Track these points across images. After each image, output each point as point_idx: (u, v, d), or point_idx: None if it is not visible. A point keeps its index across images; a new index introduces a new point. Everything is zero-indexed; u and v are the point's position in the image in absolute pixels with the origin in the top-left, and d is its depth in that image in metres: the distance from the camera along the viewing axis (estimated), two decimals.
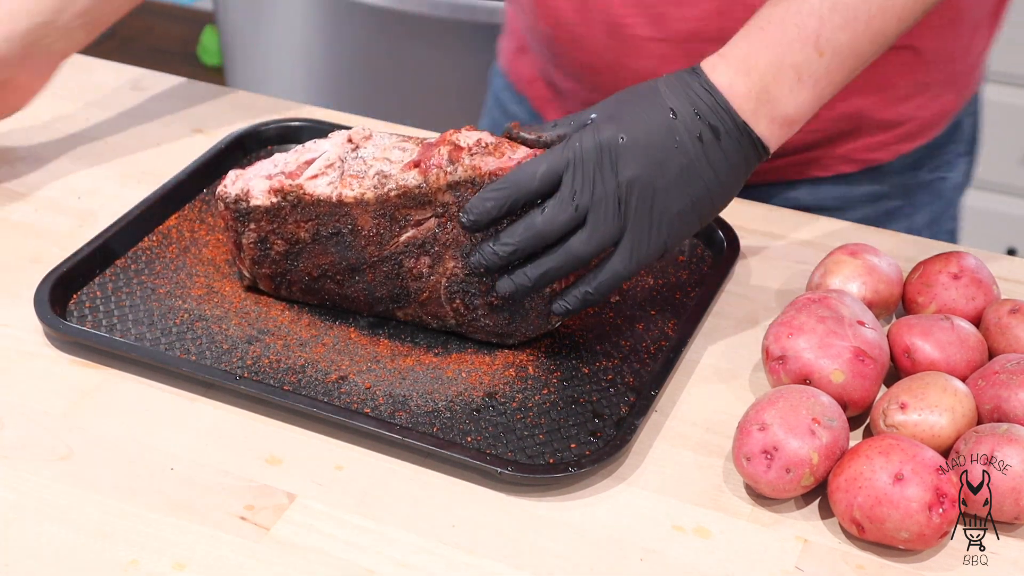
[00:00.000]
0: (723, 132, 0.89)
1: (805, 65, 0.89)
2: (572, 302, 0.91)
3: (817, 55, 0.89)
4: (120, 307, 1.00)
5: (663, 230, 0.89)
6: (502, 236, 0.89)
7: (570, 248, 0.88)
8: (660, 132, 0.88)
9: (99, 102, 1.30)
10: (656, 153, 0.88)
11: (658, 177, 0.88)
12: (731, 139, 0.89)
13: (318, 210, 0.94)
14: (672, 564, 0.81)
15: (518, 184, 0.88)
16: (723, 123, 0.89)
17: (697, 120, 0.88)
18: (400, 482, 0.86)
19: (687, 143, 0.88)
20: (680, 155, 0.88)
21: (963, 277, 0.96)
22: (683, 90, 0.89)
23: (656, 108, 0.88)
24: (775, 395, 0.85)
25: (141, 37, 3.50)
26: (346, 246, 0.95)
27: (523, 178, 0.88)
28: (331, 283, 0.98)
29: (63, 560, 0.81)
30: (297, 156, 0.97)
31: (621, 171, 0.87)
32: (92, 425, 0.91)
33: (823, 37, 0.88)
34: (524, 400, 0.92)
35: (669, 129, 0.88)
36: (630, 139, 0.87)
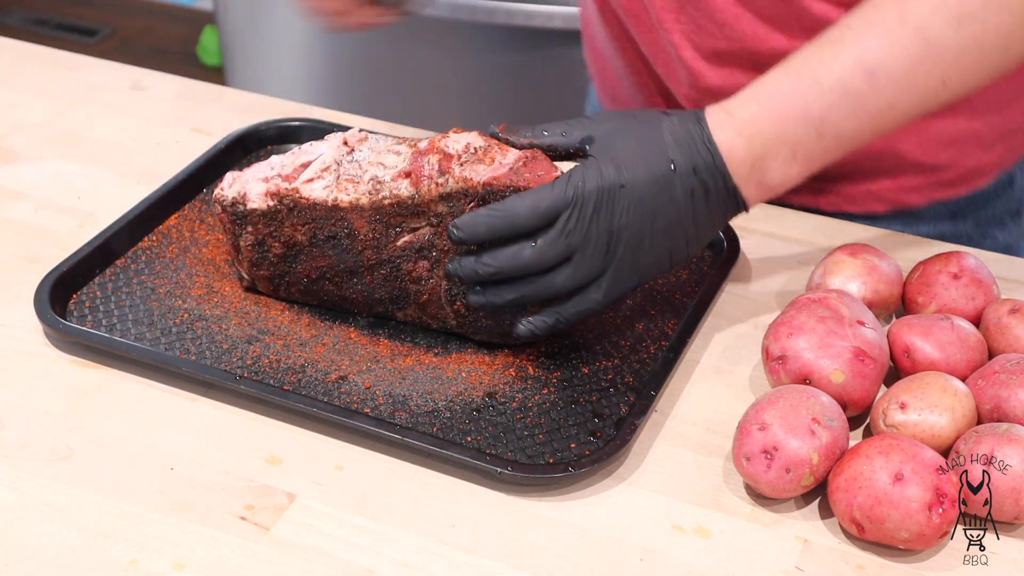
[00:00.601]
0: (713, 191, 0.90)
1: (803, 144, 0.90)
2: (539, 327, 0.92)
3: (817, 137, 0.90)
4: (120, 307, 1.00)
5: (640, 271, 0.91)
6: (485, 256, 0.90)
7: (551, 281, 0.89)
8: (659, 185, 0.89)
9: (99, 102, 1.30)
10: (651, 204, 0.89)
11: (648, 226, 0.89)
12: (719, 198, 0.91)
13: (314, 214, 0.94)
14: (672, 564, 0.81)
15: (515, 218, 0.88)
16: (715, 183, 0.90)
17: (693, 176, 0.89)
18: (400, 482, 0.86)
19: (680, 198, 0.89)
20: (672, 208, 0.89)
21: (963, 277, 0.96)
22: (687, 142, 0.90)
23: (658, 158, 0.89)
24: (775, 395, 0.85)
25: (141, 37, 3.50)
26: (343, 249, 0.95)
27: (522, 212, 0.88)
28: (329, 285, 0.98)
29: (63, 560, 0.81)
30: (294, 159, 0.97)
31: (618, 216, 0.88)
32: (92, 425, 0.91)
33: (827, 122, 0.89)
34: (524, 400, 0.92)
35: (667, 183, 0.89)
36: (629, 187, 0.88)
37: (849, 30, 0.90)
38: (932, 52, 0.88)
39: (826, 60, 0.89)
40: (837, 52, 0.89)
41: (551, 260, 0.89)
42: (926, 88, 0.90)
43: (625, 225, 0.88)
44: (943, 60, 0.89)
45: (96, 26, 3.54)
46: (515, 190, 0.90)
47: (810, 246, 1.09)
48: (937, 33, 0.88)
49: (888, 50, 0.88)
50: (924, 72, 0.89)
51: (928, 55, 0.88)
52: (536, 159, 0.92)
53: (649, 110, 0.94)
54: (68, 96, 1.31)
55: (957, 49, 0.88)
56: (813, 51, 0.90)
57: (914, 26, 0.88)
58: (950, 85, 0.90)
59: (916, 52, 0.88)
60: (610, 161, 0.89)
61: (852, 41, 0.89)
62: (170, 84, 1.34)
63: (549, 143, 0.93)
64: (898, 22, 0.88)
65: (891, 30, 0.89)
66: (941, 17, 0.88)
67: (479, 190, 0.90)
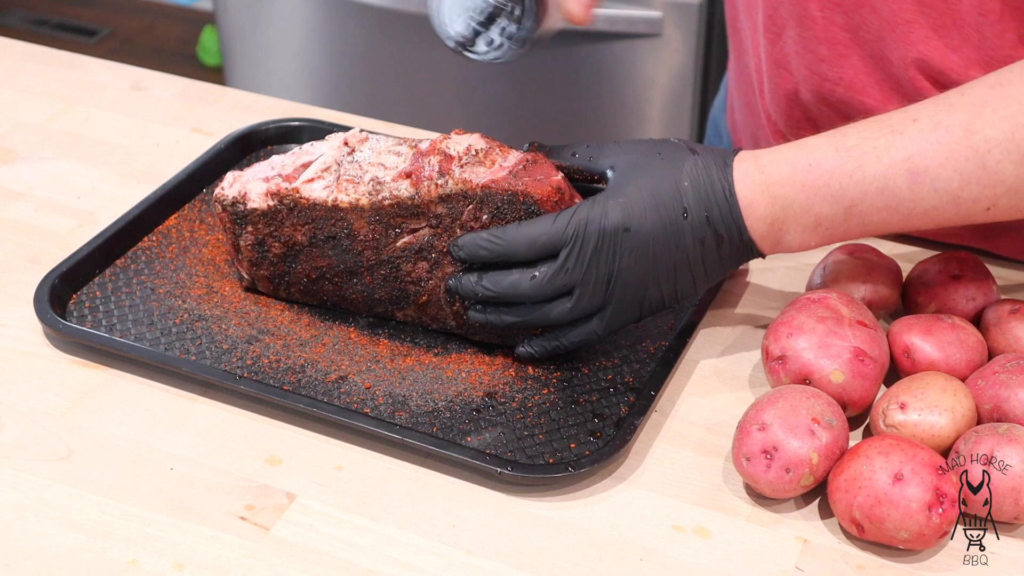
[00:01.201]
0: (727, 241, 0.89)
1: (828, 219, 0.88)
2: (538, 351, 0.93)
3: (843, 219, 0.88)
4: (120, 307, 1.01)
5: (643, 308, 0.91)
6: (485, 279, 0.90)
7: (549, 313, 0.90)
8: (667, 232, 0.88)
9: (99, 102, 1.30)
10: (656, 249, 0.88)
11: (651, 269, 0.89)
12: (732, 247, 0.89)
13: (314, 214, 0.94)
14: (672, 564, 0.81)
15: (514, 249, 0.89)
16: (730, 234, 0.89)
17: (706, 225, 0.88)
18: (400, 482, 0.86)
19: (688, 245, 0.88)
20: (679, 254, 0.88)
21: (963, 277, 0.96)
22: (705, 190, 0.88)
23: (670, 204, 0.88)
24: (775, 395, 0.85)
25: (141, 37, 3.50)
26: (343, 250, 0.95)
27: (520, 246, 0.88)
28: (329, 285, 0.98)
29: (63, 560, 0.81)
30: (294, 159, 0.97)
31: (619, 260, 0.88)
32: (92, 425, 0.91)
33: (858, 209, 0.87)
34: (524, 400, 0.92)
35: (676, 231, 0.88)
36: (634, 232, 0.87)
37: (914, 123, 0.86)
38: (986, 177, 0.85)
39: (879, 149, 0.86)
40: (891, 144, 0.86)
41: (549, 294, 0.89)
42: (969, 209, 0.86)
43: (627, 268, 0.88)
44: (994, 190, 0.85)
45: (96, 26, 3.54)
46: (513, 194, 0.90)
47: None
48: (997, 161, 0.84)
49: (943, 161, 0.85)
50: (971, 194, 0.85)
51: (981, 180, 0.85)
52: (537, 162, 0.91)
53: (679, 144, 0.91)
54: (68, 96, 1.31)
55: (1012, 184, 0.85)
56: (870, 132, 0.87)
57: (977, 146, 0.84)
58: (993, 212, 0.86)
59: (970, 173, 0.85)
60: (619, 201, 0.88)
61: (911, 137, 0.86)
62: (170, 84, 1.34)
63: (573, 166, 0.93)
64: (964, 135, 0.84)
65: (954, 141, 0.84)
66: (1006, 148, 0.84)
67: (478, 192, 0.90)
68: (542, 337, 0.93)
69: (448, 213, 0.91)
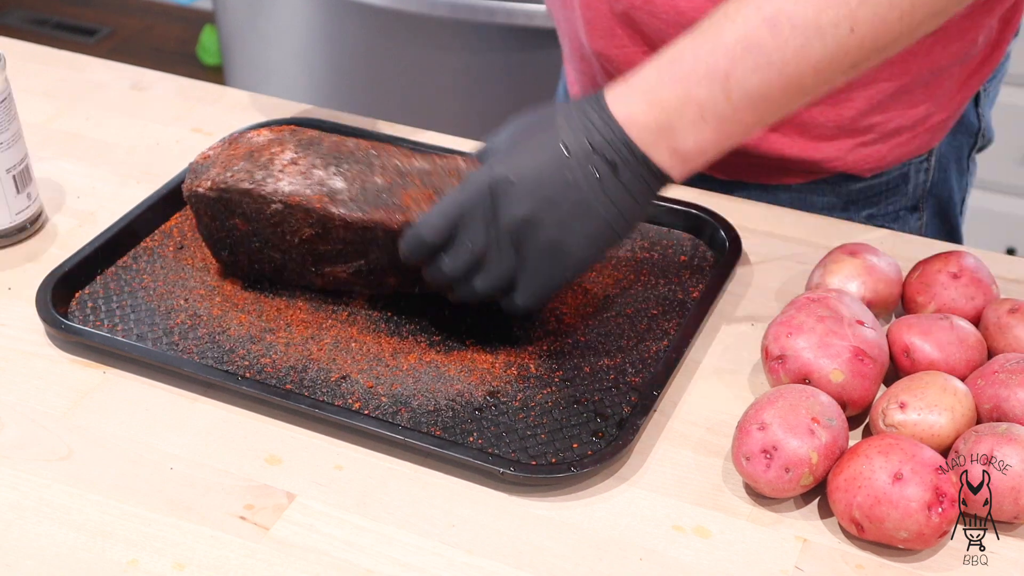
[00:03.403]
0: (620, 165, 0.87)
1: (710, 104, 0.86)
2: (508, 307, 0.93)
3: (724, 96, 0.86)
4: (121, 307, 1.01)
5: (560, 264, 0.89)
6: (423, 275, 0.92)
7: (472, 288, 0.91)
8: (550, 170, 0.87)
9: (99, 102, 1.30)
10: (546, 191, 0.87)
11: (549, 215, 0.87)
12: (630, 171, 0.87)
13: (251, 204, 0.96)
14: (672, 564, 0.81)
15: (421, 241, 0.89)
16: (620, 156, 0.87)
17: (591, 155, 0.87)
18: (400, 482, 0.86)
19: (580, 180, 0.87)
20: (573, 192, 0.87)
21: (963, 277, 0.96)
22: (580, 122, 0.87)
23: (548, 145, 0.87)
24: (775, 395, 0.85)
25: (141, 37, 3.50)
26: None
27: (426, 234, 0.89)
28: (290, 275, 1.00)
29: (63, 560, 0.81)
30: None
31: (511, 212, 0.87)
32: (92, 425, 0.91)
33: (733, 78, 0.85)
34: (526, 399, 0.92)
35: (560, 167, 0.87)
36: (519, 179, 0.87)
37: None
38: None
39: (729, 15, 0.85)
40: (740, 6, 0.85)
41: (465, 267, 0.89)
42: (835, 37, 0.84)
43: (523, 218, 0.87)
44: (848, 5, 0.83)
45: (96, 26, 3.54)
46: None
47: (810, 246, 1.09)
48: None
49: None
50: (830, 18, 0.83)
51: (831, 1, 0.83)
52: None
53: (552, 104, 0.92)
54: (68, 96, 1.31)
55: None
56: (718, 11, 0.87)
57: None
58: (858, 33, 0.84)
59: None
60: (500, 157, 0.88)
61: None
62: (170, 84, 1.34)
63: None
64: None
65: None
66: None
67: None
68: None
69: None
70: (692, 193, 1.15)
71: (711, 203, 1.12)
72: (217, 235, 0.99)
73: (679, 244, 1.09)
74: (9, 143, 1.06)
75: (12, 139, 1.07)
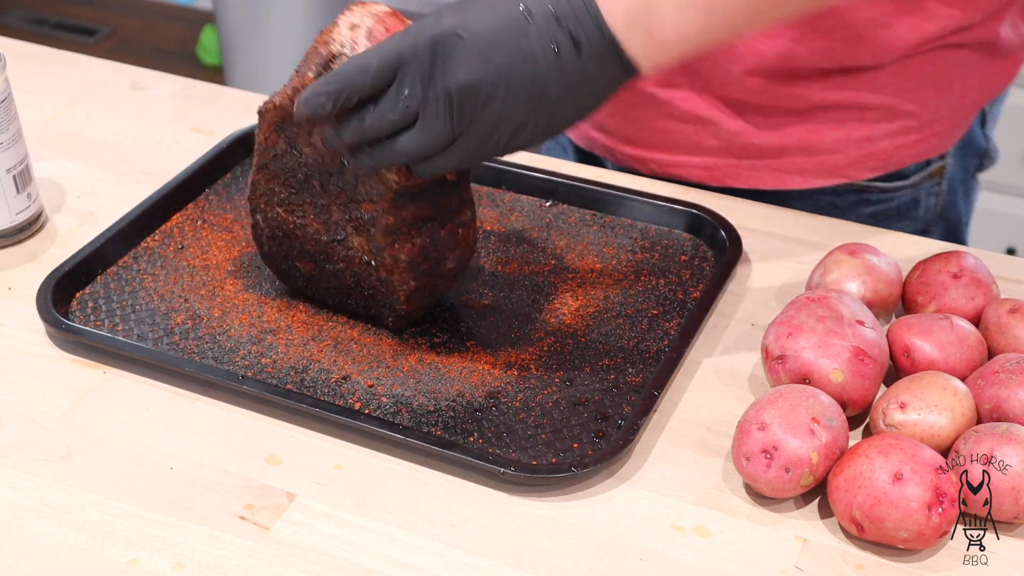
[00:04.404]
0: (585, 45, 0.78)
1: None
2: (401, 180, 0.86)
3: None
4: (122, 307, 1.01)
5: (499, 141, 0.81)
6: (343, 127, 0.83)
7: (396, 147, 0.82)
8: (506, 34, 0.78)
9: (99, 102, 1.30)
10: (498, 57, 0.78)
11: (498, 85, 0.78)
12: (595, 54, 0.78)
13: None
14: (672, 564, 0.81)
15: (350, 80, 0.80)
16: (587, 34, 0.78)
17: (555, 26, 0.78)
18: (400, 482, 0.86)
19: (538, 52, 0.78)
20: (528, 64, 0.78)
21: (963, 277, 0.96)
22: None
23: (508, 4, 0.78)
24: (775, 395, 0.85)
25: (141, 37, 3.50)
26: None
27: (355, 74, 0.80)
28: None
29: (63, 560, 0.81)
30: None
31: (456, 73, 0.78)
32: (92, 425, 0.91)
33: None
34: (526, 400, 0.92)
35: (518, 31, 0.78)
36: (470, 37, 0.78)
37: None
38: None
39: None
40: None
41: (392, 123, 0.81)
42: None
43: (469, 82, 0.78)
44: None
45: (96, 26, 3.54)
46: None
47: (810, 246, 1.09)
48: None
49: None
50: None
51: None
52: None
53: None
54: (68, 96, 1.31)
55: None
56: None
57: None
58: None
59: None
60: (452, 10, 0.79)
61: None
62: (170, 84, 1.34)
63: None
64: None
65: None
66: None
67: None
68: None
69: None
70: (692, 193, 1.15)
71: (711, 203, 1.12)
72: None
73: (679, 244, 1.09)
74: (9, 143, 1.06)
75: (12, 139, 1.07)
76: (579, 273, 1.05)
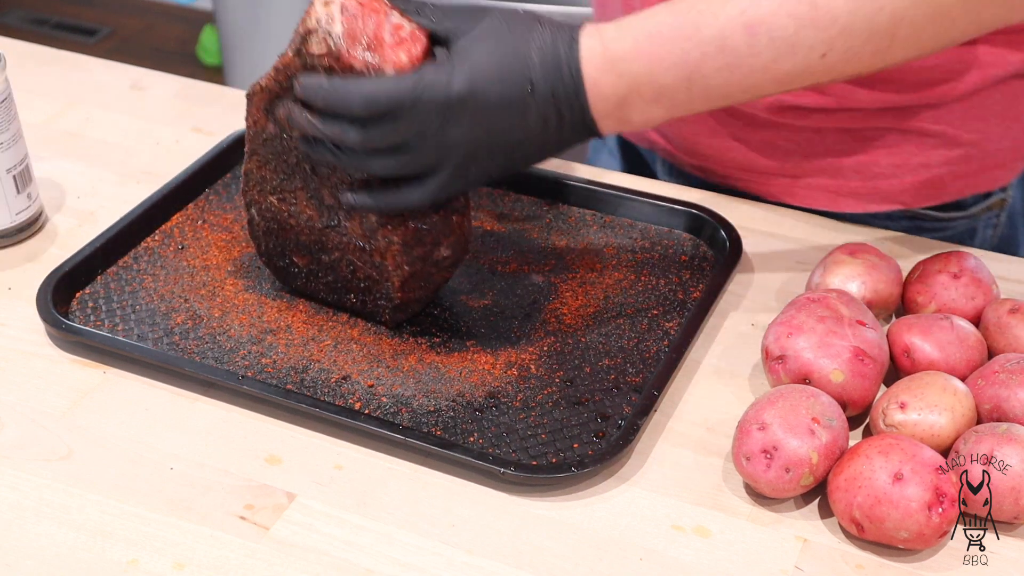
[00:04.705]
0: (569, 121, 0.88)
1: (670, 90, 0.87)
2: (358, 203, 0.91)
3: (686, 87, 0.87)
4: (122, 307, 1.01)
5: (470, 180, 0.89)
6: (318, 120, 0.88)
7: (368, 163, 0.88)
8: (511, 105, 0.86)
9: (99, 102, 1.30)
10: (498, 123, 0.86)
11: (491, 143, 0.87)
12: (573, 128, 0.88)
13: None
14: (672, 564, 0.81)
15: (348, 101, 0.86)
16: (572, 114, 0.87)
17: (551, 103, 0.86)
18: (400, 482, 0.86)
19: (532, 121, 0.87)
20: (520, 131, 0.87)
21: (963, 277, 0.96)
22: (552, 66, 0.86)
23: (517, 78, 0.86)
24: (775, 395, 0.85)
25: (141, 37, 3.50)
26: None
27: (357, 101, 0.86)
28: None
29: (63, 560, 0.81)
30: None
31: (457, 127, 0.86)
32: (92, 425, 0.91)
33: (699, 73, 0.86)
34: (526, 400, 0.92)
35: (521, 106, 0.86)
36: (478, 103, 0.85)
37: None
38: (819, 18, 0.84)
39: (713, 6, 0.85)
40: (724, 1, 0.85)
41: (375, 151, 0.87)
42: (806, 57, 0.85)
43: (464, 140, 0.86)
44: (828, 31, 0.84)
45: (96, 26, 3.54)
46: None
47: (810, 246, 1.09)
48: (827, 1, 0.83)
49: (775, 8, 0.84)
50: (806, 40, 0.84)
51: (815, 21, 0.84)
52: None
53: (526, 15, 0.89)
54: (68, 96, 1.31)
55: (845, 23, 0.84)
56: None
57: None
58: (829, 59, 0.85)
59: (803, 16, 0.84)
60: (464, 69, 0.85)
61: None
62: (170, 84, 1.34)
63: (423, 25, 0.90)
64: None
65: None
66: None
67: None
68: (368, 191, 0.90)
69: None
70: (692, 193, 1.15)
71: (711, 203, 1.12)
72: None
73: (679, 244, 1.09)
74: (9, 143, 1.06)
75: (12, 139, 1.07)
76: (579, 273, 1.05)
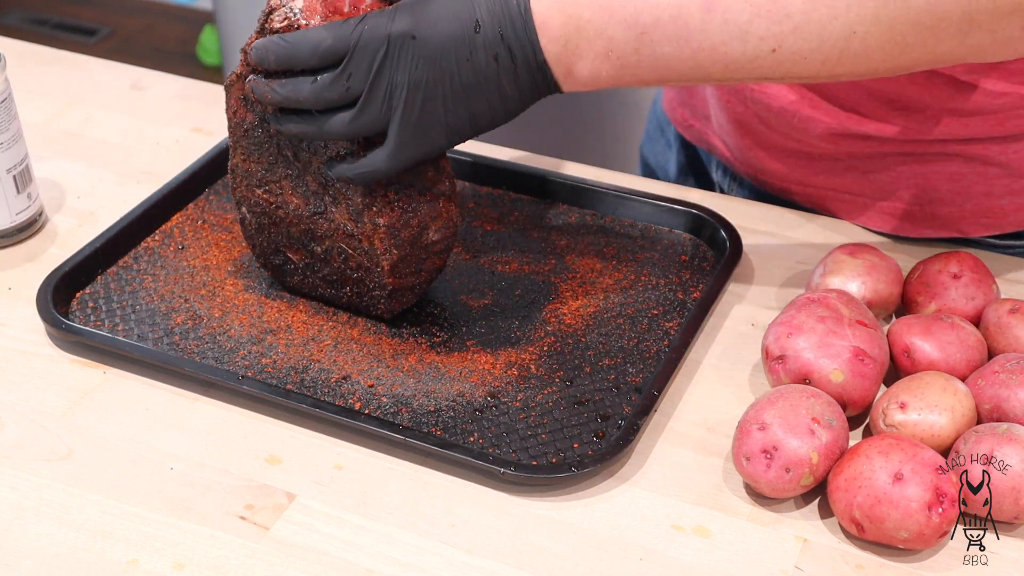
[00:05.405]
0: (521, 62, 0.86)
1: (619, 48, 0.85)
2: (337, 174, 0.91)
3: (634, 48, 0.85)
4: (122, 307, 1.01)
5: (432, 137, 0.88)
6: (274, 82, 0.88)
7: (330, 125, 0.88)
8: (456, 42, 0.85)
9: (99, 102, 1.30)
10: (445, 62, 0.85)
11: (440, 85, 0.86)
12: (528, 72, 0.87)
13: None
14: (672, 564, 0.81)
15: (298, 50, 0.86)
16: (524, 53, 0.86)
17: (500, 41, 0.85)
18: (400, 482, 0.86)
19: (481, 61, 0.86)
20: (470, 71, 0.86)
21: (963, 277, 0.96)
22: (500, 5, 0.85)
23: (463, 15, 0.85)
24: (775, 395, 0.85)
25: (141, 37, 3.50)
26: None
27: (303, 49, 0.86)
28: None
29: (63, 560, 0.81)
30: None
31: (402, 70, 0.85)
32: (92, 425, 0.91)
33: (648, 36, 0.85)
34: (527, 400, 0.92)
35: (467, 42, 0.85)
36: (422, 39, 0.85)
37: None
38: (775, 11, 0.82)
39: None
40: None
41: (329, 101, 0.87)
42: (756, 48, 0.84)
43: (412, 81, 0.85)
44: (781, 27, 0.83)
45: (96, 26, 3.54)
46: None
47: (810, 246, 1.09)
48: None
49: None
50: (759, 30, 0.83)
51: (771, 14, 0.82)
52: None
53: None
54: (67, 96, 1.31)
55: (798, 22, 0.82)
56: None
57: None
58: (779, 55, 0.84)
59: (761, 5, 0.82)
60: (409, 10, 0.85)
61: None
62: (170, 84, 1.34)
63: None
64: None
65: None
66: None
67: None
68: (340, 162, 0.90)
69: None
70: (692, 193, 1.15)
71: (711, 203, 1.12)
72: None
73: (679, 244, 1.09)
74: (9, 143, 1.06)
75: (12, 139, 1.07)
76: (579, 273, 1.05)
